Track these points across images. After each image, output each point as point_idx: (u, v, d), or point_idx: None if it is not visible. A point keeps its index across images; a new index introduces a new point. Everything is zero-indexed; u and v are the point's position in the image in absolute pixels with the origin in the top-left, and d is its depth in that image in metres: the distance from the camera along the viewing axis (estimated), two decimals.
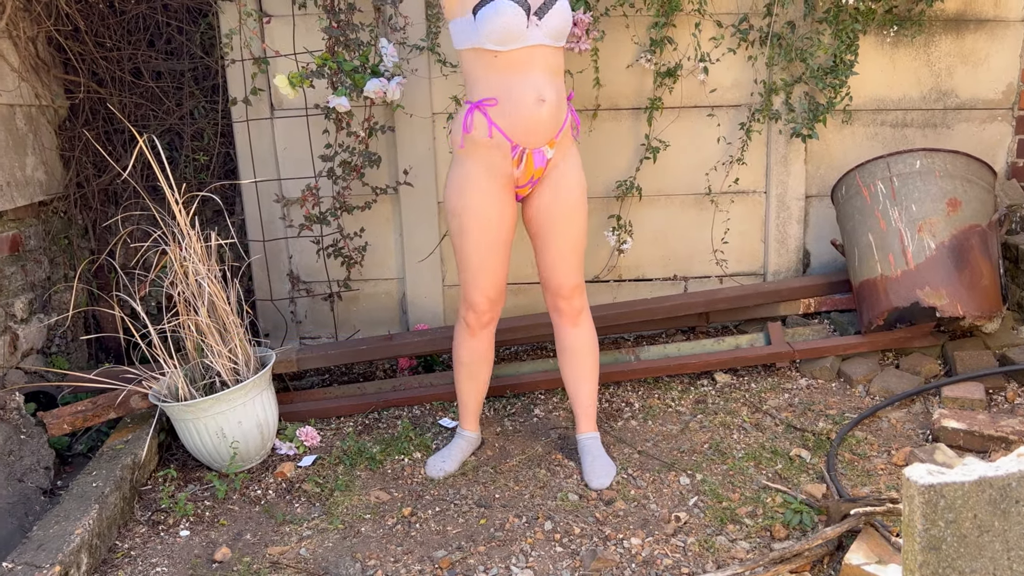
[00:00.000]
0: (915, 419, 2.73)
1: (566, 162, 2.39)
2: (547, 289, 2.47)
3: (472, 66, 2.27)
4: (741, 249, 3.45)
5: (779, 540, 2.13)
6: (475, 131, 2.28)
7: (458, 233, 2.36)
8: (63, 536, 2.06)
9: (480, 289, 2.40)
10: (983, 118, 3.34)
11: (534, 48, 2.22)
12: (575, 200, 2.40)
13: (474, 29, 2.19)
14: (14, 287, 2.88)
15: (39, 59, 3.07)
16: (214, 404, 2.49)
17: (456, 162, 2.36)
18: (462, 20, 2.23)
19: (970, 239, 2.85)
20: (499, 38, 2.17)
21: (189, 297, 2.57)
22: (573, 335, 2.50)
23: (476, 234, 2.34)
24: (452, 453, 2.58)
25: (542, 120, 2.27)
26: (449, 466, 2.55)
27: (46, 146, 3.14)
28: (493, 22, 2.14)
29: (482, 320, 2.44)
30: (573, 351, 2.51)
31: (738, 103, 3.29)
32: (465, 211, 2.33)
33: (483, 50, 2.21)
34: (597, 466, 2.47)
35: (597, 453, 2.52)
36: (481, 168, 2.31)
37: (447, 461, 2.56)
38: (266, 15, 3.11)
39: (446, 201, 2.38)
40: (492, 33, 2.16)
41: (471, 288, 2.41)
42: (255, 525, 2.34)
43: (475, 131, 2.28)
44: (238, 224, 3.39)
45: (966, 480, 1.29)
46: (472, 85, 2.30)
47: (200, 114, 3.34)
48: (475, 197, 2.32)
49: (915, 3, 3.14)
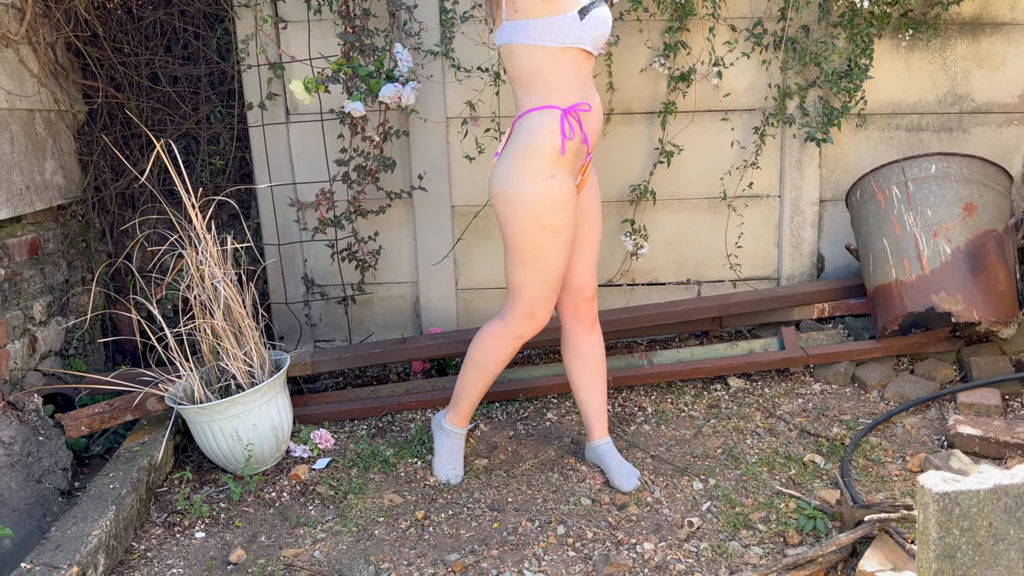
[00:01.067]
0: (930, 425, 2.72)
1: (591, 168, 2.44)
2: (569, 291, 2.45)
3: (555, 67, 2.21)
4: (755, 253, 3.44)
5: (792, 546, 2.13)
6: (570, 138, 2.22)
7: (547, 247, 2.27)
8: (81, 537, 2.08)
9: (550, 304, 2.36)
10: (999, 122, 3.32)
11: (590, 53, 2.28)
12: (599, 204, 2.46)
13: (580, 28, 2.18)
14: (33, 290, 2.92)
15: (58, 64, 3.10)
16: (229, 407, 2.51)
17: (539, 173, 2.22)
18: (561, 18, 2.17)
19: (986, 244, 2.84)
20: (598, 40, 2.24)
21: (205, 300, 2.59)
22: (589, 341, 2.50)
23: (565, 250, 2.30)
24: (456, 455, 2.57)
25: (600, 126, 2.36)
26: (460, 469, 2.55)
27: (64, 150, 3.17)
28: (600, 28, 2.21)
29: (536, 332, 2.41)
30: (591, 357, 2.50)
31: (752, 107, 3.29)
32: (564, 227, 2.26)
33: (580, 51, 2.22)
34: (625, 468, 2.48)
35: (618, 457, 2.52)
36: (570, 180, 2.27)
37: (456, 465, 2.56)
38: (282, 21, 3.14)
39: (533, 212, 2.23)
40: (598, 37, 2.22)
41: (543, 303, 2.34)
42: (269, 527, 2.36)
43: (570, 138, 2.22)
44: (253, 228, 3.42)
45: (981, 488, 1.29)
46: (552, 87, 2.22)
47: (216, 118, 3.37)
48: (571, 212, 2.27)
49: (930, 7, 3.13)
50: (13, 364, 2.73)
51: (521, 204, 2.23)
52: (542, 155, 2.22)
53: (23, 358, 2.80)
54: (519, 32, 2.20)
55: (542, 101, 2.23)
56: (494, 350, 2.43)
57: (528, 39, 2.19)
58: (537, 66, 2.22)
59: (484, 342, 2.44)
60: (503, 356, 2.44)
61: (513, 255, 2.31)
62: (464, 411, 2.57)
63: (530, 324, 2.37)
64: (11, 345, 2.73)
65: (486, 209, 3.34)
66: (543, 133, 2.22)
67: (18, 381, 2.75)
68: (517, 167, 2.24)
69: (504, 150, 2.30)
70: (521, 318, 2.36)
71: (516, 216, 2.25)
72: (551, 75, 2.22)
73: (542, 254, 2.27)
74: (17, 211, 2.78)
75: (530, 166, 2.23)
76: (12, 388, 2.70)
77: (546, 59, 2.20)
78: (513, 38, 2.21)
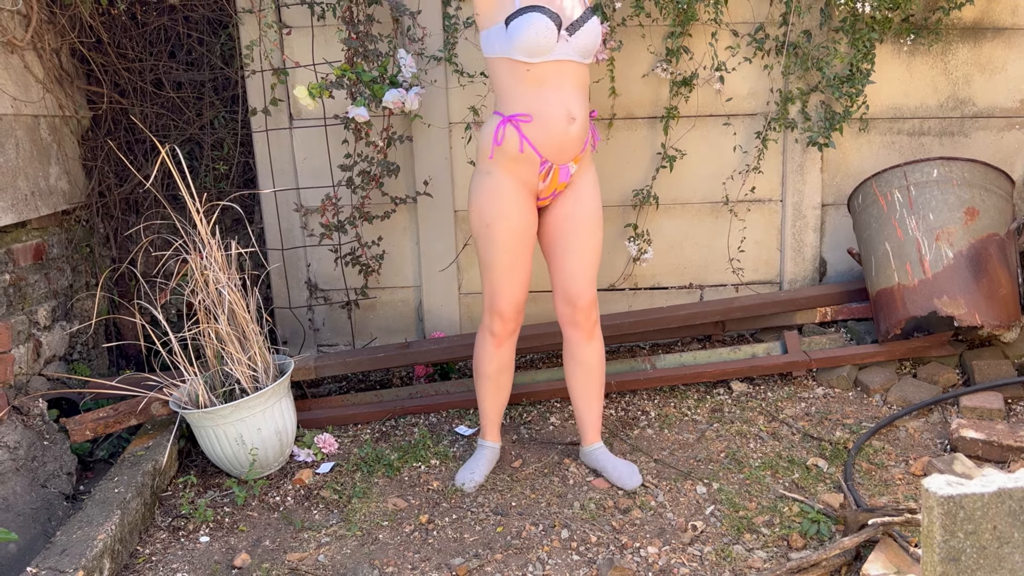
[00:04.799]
0: (933, 429, 2.72)
1: (588, 174, 2.45)
2: (564, 300, 2.46)
3: (504, 77, 2.29)
4: (757, 258, 3.45)
5: (796, 550, 2.13)
6: (506, 144, 2.30)
7: (487, 242, 2.37)
8: (86, 541, 2.08)
9: (508, 296, 2.41)
10: (1001, 126, 3.33)
11: (563, 63, 2.26)
12: (597, 211, 2.46)
13: (506, 38, 2.22)
14: (38, 295, 2.92)
15: (63, 70, 3.12)
16: (234, 411, 2.52)
17: (482, 172, 2.37)
18: (495, 29, 2.25)
19: (988, 248, 2.84)
20: (528, 49, 2.20)
21: (209, 305, 2.60)
22: (588, 349, 2.50)
23: (506, 242, 2.36)
24: (479, 465, 2.58)
25: (571, 138, 2.32)
26: (478, 477, 2.55)
27: (69, 156, 3.18)
28: (524, 33, 2.17)
29: (508, 328, 2.45)
30: (588, 366, 2.51)
31: (754, 112, 3.30)
32: (496, 220, 2.34)
33: (514, 61, 2.24)
34: (622, 468, 2.50)
35: (615, 458, 2.54)
36: (510, 178, 2.34)
37: (475, 472, 2.55)
38: (286, 27, 3.15)
39: (474, 210, 2.38)
40: (522, 44, 2.19)
41: (499, 296, 2.41)
42: (274, 531, 2.36)
43: (506, 144, 2.30)
44: (257, 232, 3.43)
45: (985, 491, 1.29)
46: (504, 97, 2.31)
47: (220, 124, 3.38)
48: (504, 206, 2.34)
49: (932, 12, 3.14)
50: (18, 369, 2.74)
51: (471, 202, 2.40)
52: (482, 155, 2.37)
53: (28, 363, 2.81)
54: (482, 43, 2.35)
55: (497, 109, 2.36)
56: (483, 356, 2.53)
57: (484, 51, 2.34)
58: (492, 75, 2.35)
59: (476, 347, 2.56)
60: (495, 359, 2.51)
61: (478, 253, 2.46)
62: (486, 423, 2.62)
63: (496, 320, 2.45)
64: (16, 350, 2.74)
65: None
66: (483, 136, 2.37)
67: (23, 386, 2.76)
68: (477, 167, 2.42)
69: None
70: (487, 314, 2.47)
71: (473, 213, 2.40)
72: (500, 84, 2.33)
73: (485, 249, 2.40)
74: (22, 216, 2.79)
75: (479, 166, 2.39)
76: (17, 393, 2.71)
77: (493, 69, 2.33)
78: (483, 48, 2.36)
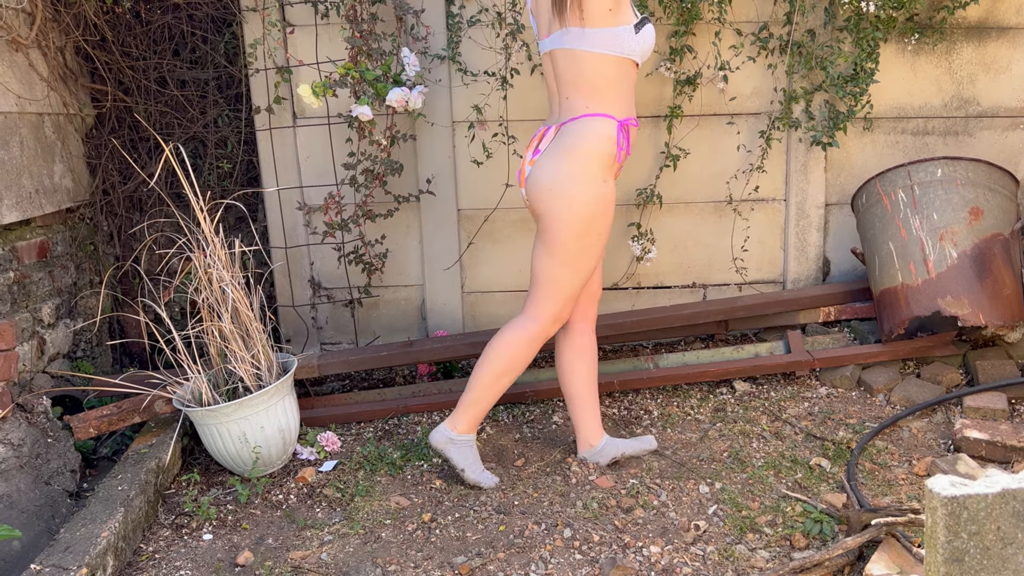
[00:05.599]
0: (936, 429, 2.72)
1: None
2: (590, 297, 2.54)
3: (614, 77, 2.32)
4: (760, 257, 3.45)
5: (799, 549, 2.13)
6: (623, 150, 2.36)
7: (586, 251, 2.36)
8: (90, 539, 2.09)
9: (574, 304, 2.47)
10: (1005, 126, 3.32)
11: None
12: None
13: (635, 40, 2.30)
14: (41, 292, 2.93)
15: (67, 68, 3.12)
16: (237, 409, 2.52)
17: (597, 178, 2.31)
18: (622, 29, 2.29)
19: (992, 248, 2.84)
20: (645, 54, 2.37)
21: (213, 303, 2.60)
22: (592, 340, 2.59)
23: (598, 251, 2.40)
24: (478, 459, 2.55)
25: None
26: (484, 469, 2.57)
27: (73, 154, 3.19)
28: (649, 41, 2.35)
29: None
30: (593, 354, 2.58)
31: (758, 111, 3.29)
32: (604, 233, 2.38)
33: (632, 63, 2.34)
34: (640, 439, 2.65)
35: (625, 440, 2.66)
36: (613, 185, 2.38)
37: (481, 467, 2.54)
38: (290, 25, 3.15)
39: (586, 217, 2.32)
40: (646, 50, 2.35)
41: (572, 303, 2.45)
42: (277, 529, 2.37)
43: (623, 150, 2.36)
44: (260, 231, 3.43)
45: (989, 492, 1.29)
46: (610, 97, 2.32)
47: (224, 122, 3.38)
48: (611, 218, 2.39)
49: (936, 11, 3.13)
50: (22, 366, 2.74)
51: (574, 204, 2.31)
52: (597, 160, 2.32)
53: (32, 360, 2.81)
54: (585, 40, 2.29)
55: (598, 109, 2.32)
56: (524, 353, 2.45)
57: (593, 47, 2.29)
58: (599, 75, 2.31)
59: (512, 346, 2.44)
60: (529, 359, 2.48)
61: (555, 254, 2.36)
62: (477, 419, 2.52)
63: (558, 325, 2.46)
64: (20, 347, 2.75)
65: (494, 213, 3.35)
66: (601, 140, 2.31)
67: (27, 383, 2.77)
68: (571, 168, 2.31)
69: (552, 149, 2.36)
70: (553, 319, 2.43)
71: (566, 215, 2.32)
72: (608, 84, 2.32)
73: (585, 255, 2.36)
74: (26, 214, 2.79)
75: (586, 169, 2.31)
76: (21, 390, 2.71)
77: (606, 68, 2.30)
78: (578, 44, 2.30)
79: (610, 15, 2.26)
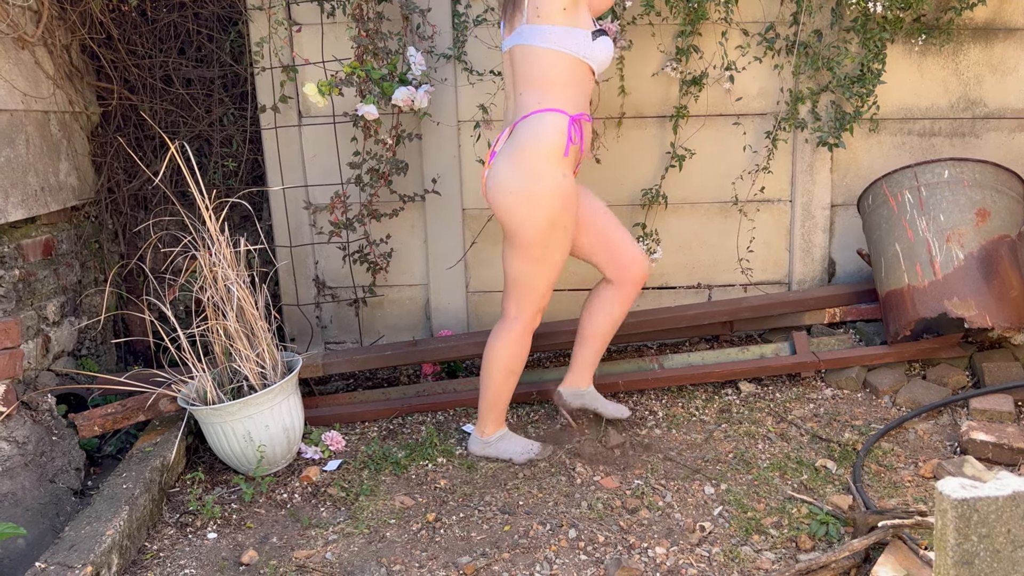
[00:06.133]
0: (942, 431, 2.71)
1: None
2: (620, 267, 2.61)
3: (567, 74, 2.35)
4: (766, 258, 3.44)
5: (805, 551, 2.12)
6: (574, 144, 2.38)
7: (549, 242, 2.39)
8: (94, 537, 2.09)
9: (550, 292, 2.51)
10: (1012, 127, 3.31)
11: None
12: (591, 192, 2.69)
13: (589, 47, 2.34)
14: (47, 290, 2.93)
15: (73, 66, 3.12)
16: (242, 408, 2.52)
17: (555, 173, 2.34)
18: (579, 32, 2.33)
19: (999, 249, 2.83)
20: (601, 66, 2.42)
21: (218, 302, 2.60)
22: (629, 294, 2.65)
23: (566, 244, 2.44)
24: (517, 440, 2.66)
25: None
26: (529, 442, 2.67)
27: (79, 152, 3.19)
28: (606, 54, 2.40)
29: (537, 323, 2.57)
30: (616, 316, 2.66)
31: (764, 111, 3.29)
32: (568, 224, 2.41)
33: (588, 67, 2.38)
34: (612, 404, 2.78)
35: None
36: (572, 179, 2.41)
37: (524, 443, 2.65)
38: (296, 24, 3.15)
39: (542, 209, 2.34)
40: (602, 61, 2.41)
41: (547, 294, 2.49)
42: (281, 528, 2.37)
43: (574, 144, 2.38)
44: (265, 229, 3.43)
45: (1000, 495, 1.28)
46: (562, 93, 2.35)
47: (229, 121, 3.38)
48: (573, 209, 2.41)
49: (944, 11, 3.12)
50: (27, 364, 2.74)
51: (536, 202, 2.33)
52: (552, 155, 2.33)
53: (36, 358, 2.81)
54: (539, 35, 2.32)
55: (551, 104, 2.33)
56: (520, 351, 2.55)
57: (547, 43, 2.31)
58: (552, 70, 2.33)
59: (507, 349, 2.53)
60: (526, 352, 2.57)
61: (524, 253, 2.41)
62: (501, 416, 2.65)
63: (541, 313, 2.54)
64: (25, 345, 2.75)
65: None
66: (553, 133, 2.32)
67: (31, 381, 2.77)
68: (528, 167, 2.33)
69: (506, 150, 2.39)
70: (535, 312, 2.51)
71: (531, 214, 2.34)
72: (562, 81, 2.34)
73: (553, 250, 2.40)
74: (32, 212, 2.79)
75: (543, 166, 2.33)
76: (26, 388, 2.71)
77: (561, 65, 2.33)
78: (532, 40, 2.32)
79: (564, 14, 2.30)
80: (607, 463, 2.61)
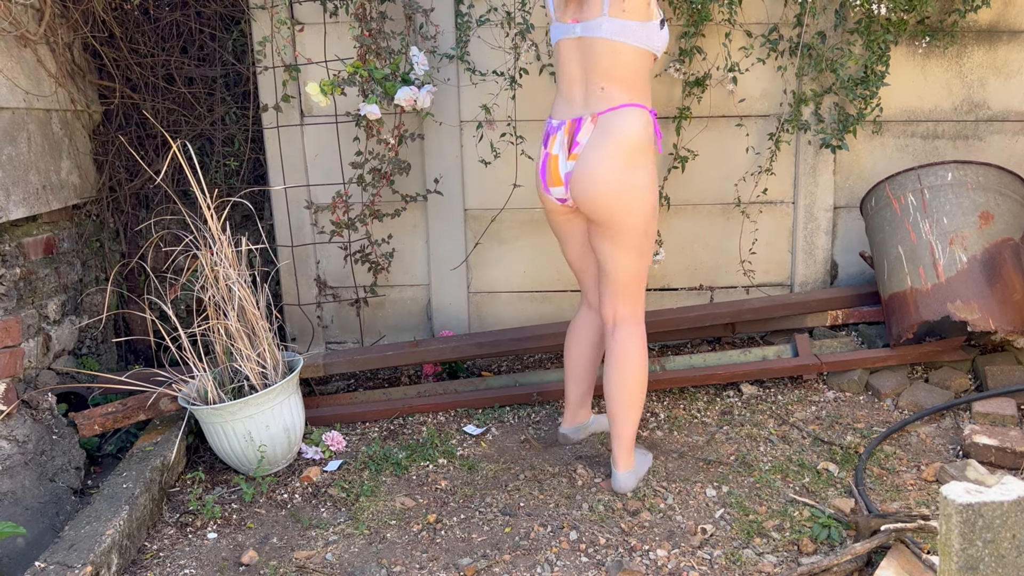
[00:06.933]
0: (945, 434, 2.70)
1: None
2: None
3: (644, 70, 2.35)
4: (768, 260, 3.43)
5: (807, 554, 2.12)
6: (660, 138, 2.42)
7: (652, 232, 2.39)
8: (94, 536, 2.08)
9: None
10: (1016, 130, 3.30)
11: None
12: None
13: (659, 37, 2.34)
14: (48, 289, 2.92)
15: (75, 65, 3.12)
16: (242, 408, 2.51)
17: (649, 164, 2.34)
18: (652, 24, 2.31)
19: (1002, 253, 2.82)
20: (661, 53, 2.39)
21: (219, 301, 2.60)
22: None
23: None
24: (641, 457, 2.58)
25: None
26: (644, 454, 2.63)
27: (80, 150, 3.18)
28: (667, 40, 2.39)
29: None
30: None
31: (767, 113, 3.28)
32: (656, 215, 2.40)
33: (653, 56, 2.37)
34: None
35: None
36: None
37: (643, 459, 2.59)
38: (298, 23, 3.15)
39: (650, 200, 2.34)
40: (664, 47, 2.39)
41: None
42: (281, 529, 2.36)
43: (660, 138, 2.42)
44: (267, 229, 3.42)
45: (1005, 500, 1.28)
46: (642, 89, 2.34)
47: (231, 120, 3.38)
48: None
49: (947, 14, 3.11)
50: (27, 363, 2.74)
51: (643, 196, 2.33)
52: (649, 147, 2.33)
53: (37, 357, 2.81)
54: (622, 32, 2.28)
55: (636, 100, 2.33)
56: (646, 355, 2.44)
57: (631, 40, 2.28)
58: (634, 65, 2.32)
59: (644, 349, 2.43)
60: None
61: (633, 247, 2.36)
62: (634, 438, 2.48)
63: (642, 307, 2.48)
64: (26, 344, 2.74)
65: (502, 213, 3.34)
66: (647, 128, 2.32)
67: (32, 380, 2.76)
68: (631, 161, 2.30)
69: (599, 142, 2.29)
70: (641, 306, 2.44)
71: (641, 208, 2.33)
72: (643, 77, 2.35)
73: (651, 240, 2.40)
74: (33, 210, 2.79)
75: (640, 159, 2.31)
76: (26, 387, 2.71)
77: (641, 61, 2.33)
78: (616, 36, 2.28)
79: (648, 10, 2.29)
80: (608, 465, 2.60)
